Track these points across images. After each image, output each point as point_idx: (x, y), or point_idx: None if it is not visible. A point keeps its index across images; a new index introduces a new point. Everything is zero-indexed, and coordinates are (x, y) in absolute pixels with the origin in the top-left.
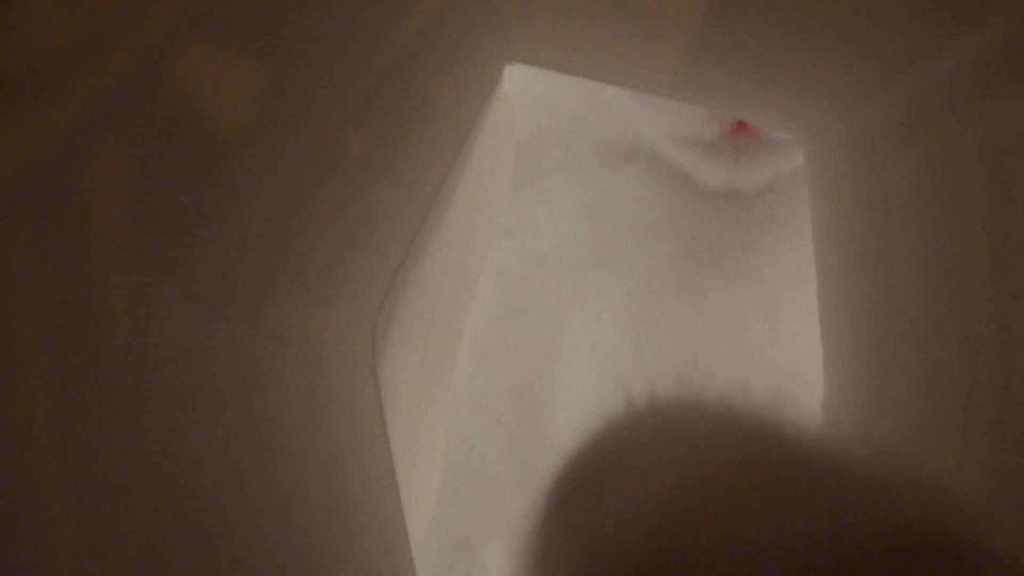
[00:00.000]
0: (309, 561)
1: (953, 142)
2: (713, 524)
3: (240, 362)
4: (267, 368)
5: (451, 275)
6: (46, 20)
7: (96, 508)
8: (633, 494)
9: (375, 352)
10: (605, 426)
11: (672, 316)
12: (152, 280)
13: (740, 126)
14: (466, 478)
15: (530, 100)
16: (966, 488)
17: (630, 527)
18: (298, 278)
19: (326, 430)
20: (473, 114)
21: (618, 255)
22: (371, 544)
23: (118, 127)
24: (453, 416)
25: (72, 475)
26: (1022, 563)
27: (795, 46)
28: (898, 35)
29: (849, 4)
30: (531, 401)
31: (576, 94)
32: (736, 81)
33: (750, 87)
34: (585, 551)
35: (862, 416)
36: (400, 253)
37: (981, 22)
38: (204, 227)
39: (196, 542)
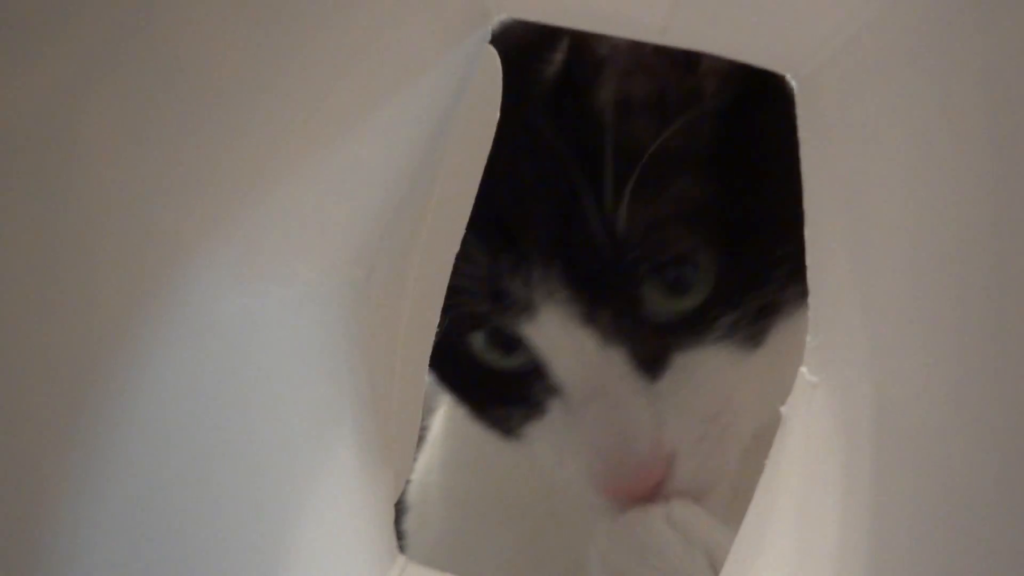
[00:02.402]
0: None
1: (949, 69)
2: None
3: (227, 311)
4: (254, 318)
5: (438, 228)
6: None
7: None
8: None
9: (359, 302)
10: None
11: None
12: (145, 219)
13: None
14: None
15: None
16: (955, 443)
17: None
18: (285, 227)
19: (307, 383)
20: (462, 68)
21: None
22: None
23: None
24: None
25: None
26: None
27: None
28: None
29: None
30: None
31: None
32: (726, 21)
33: (739, 26)
34: None
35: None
36: (387, 204)
37: None
38: (194, 171)
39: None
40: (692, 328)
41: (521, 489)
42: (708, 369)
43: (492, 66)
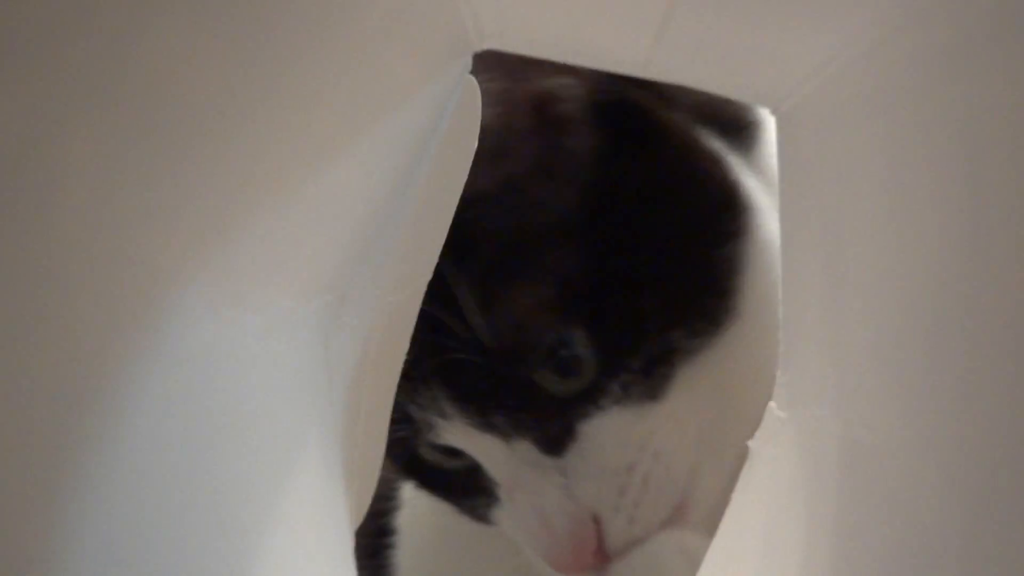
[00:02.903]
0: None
1: (928, 107)
2: None
3: (201, 339)
4: (227, 345)
5: (411, 256)
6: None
7: None
8: None
9: (330, 327)
10: None
11: None
12: (123, 247)
13: None
14: None
15: None
16: (921, 484)
17: None
18: (260, 255)
19: (276, 409)
20: (441, 98)
21: None
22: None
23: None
24: None
25: None
26: None
27: (767, 13)
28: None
29: None
30: None
31: None
32: (707, 56)
33: (721, 61)
34: None
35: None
36: (362, 232)
37: None
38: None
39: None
40: (587, 399)
41: (506, 568)
42: (612, 431)
43: (471, 96)
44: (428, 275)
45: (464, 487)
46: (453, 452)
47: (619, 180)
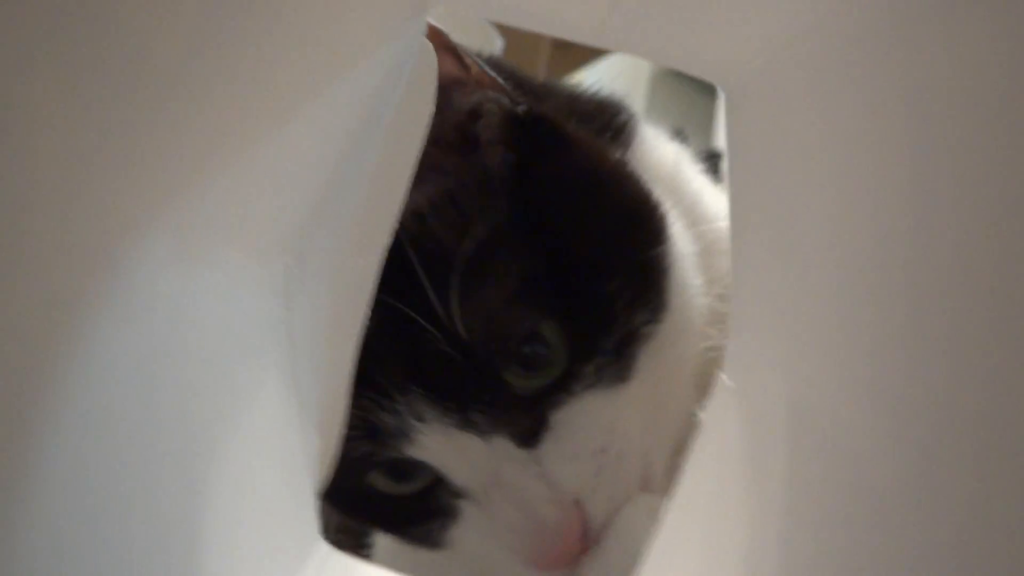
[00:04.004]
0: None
1: (875, 80)
2: None
3: (163, 290)
4: (188, 297)
5: (369, 222)
6: None
7: None
8: None
9: (289, 288)
10: None
11: None
12: (89, 194)
13: None
14: None
15: None
16: (868, 444)
17: None
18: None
19: (234, 361)
20: (397, 60)
21: None
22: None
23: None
24: None
25: None
26: None
27: None
28: None
29: None
30: None
31: None
32: (659, 27)
33: (672, 33)
34: None
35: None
36: (319, 195)
37: None
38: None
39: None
40: (559, 388)
41: None
42: (585, 416)
43: (427, 58)
44: (386, 239)
45: (415, 513)
46: (410, 473)
47: (542, 189)
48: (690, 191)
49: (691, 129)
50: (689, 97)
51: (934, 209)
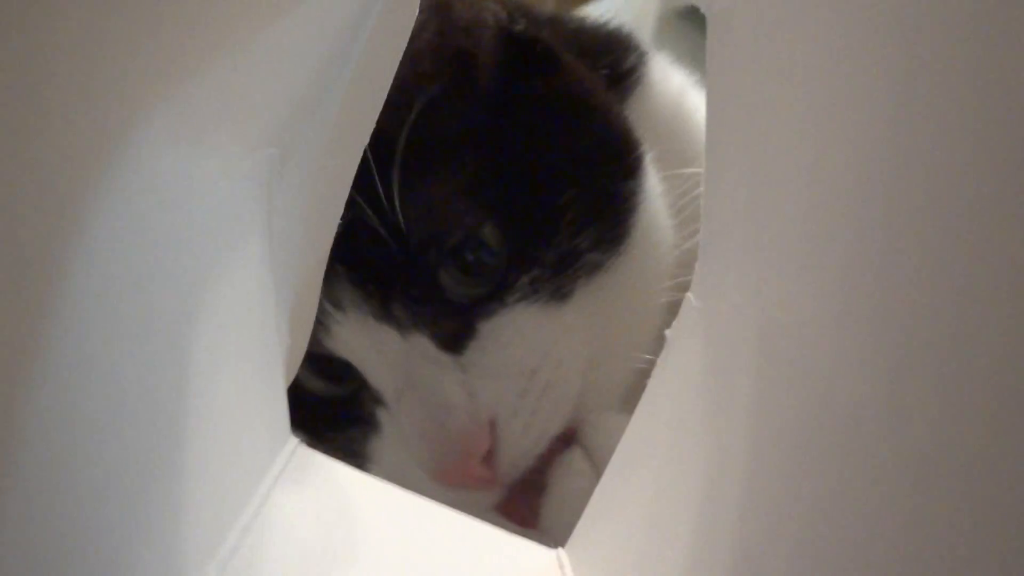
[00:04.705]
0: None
1: (862, 13)
2: None
3: (161, 169)
4: (183, 178)
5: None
6: None
7: None
8: None
9: (273, 178)
10: None
11: None
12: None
13: None
14: None
15: None
16: (838, 367)
17: None
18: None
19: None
20: None
21: None
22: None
23: None
24: None
25: None
26: None
27: None
28: None
29: None
30: None
31: None
32: None
33: None
34: None
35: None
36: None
37: None
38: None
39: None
40: (492, 296)
41: None
42: (515, 330)
43: None
44: (365, 140)
45: (341, 418)
46: (337, 376)
47: (522, 102)
48: (687, 126)
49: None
50: (694, 35)
51: (915, 134)
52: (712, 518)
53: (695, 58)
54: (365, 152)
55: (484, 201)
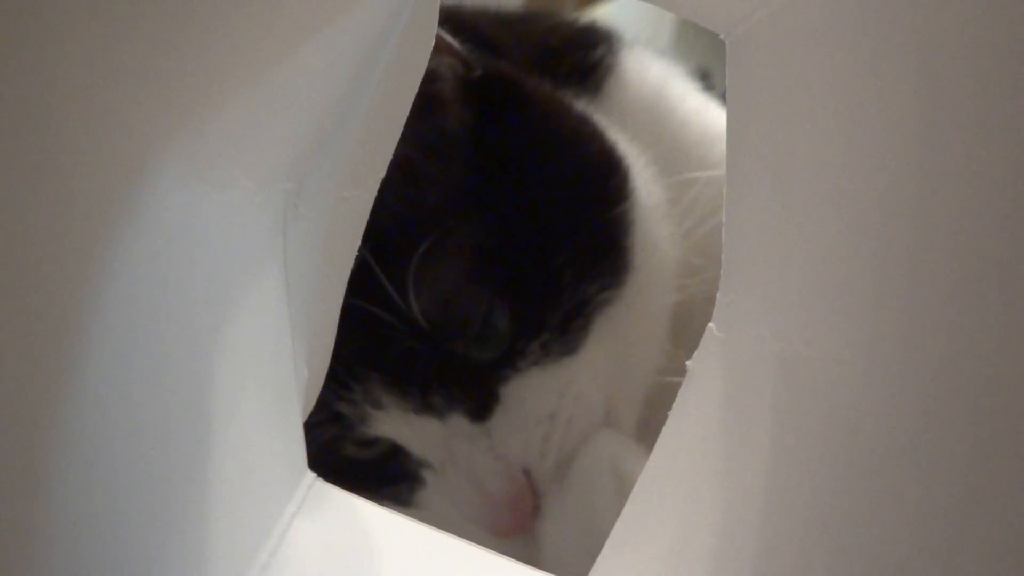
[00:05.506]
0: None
1: (883, 32)
2: None
3: (173, 207)
4: (195, 216)
5: (367, 154)
6: None
7: None
8: None
9: (289, 213)
10: None
11: None
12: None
13: None
14: None
15: None
16: (862, 401)
17: None
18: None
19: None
20: None
21: None
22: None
23: None
24: None
25: None
26: None
27: None
28: None
29: None
30: None
31: None
32: None
33: None
34: None
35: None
36: (320, 123)
37: None
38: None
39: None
40: (506, 363)
41: None
42: (532, 389)
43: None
44: (382, 172)
45: (384, 475)
46: (367, 444)
47: (499, 151)
48: (673, 121)
49: (716, 69)
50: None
51: (942, 161)
52: (731, 556)
53: (713, 69)
54: (367, 259)
55: (489, 282)
